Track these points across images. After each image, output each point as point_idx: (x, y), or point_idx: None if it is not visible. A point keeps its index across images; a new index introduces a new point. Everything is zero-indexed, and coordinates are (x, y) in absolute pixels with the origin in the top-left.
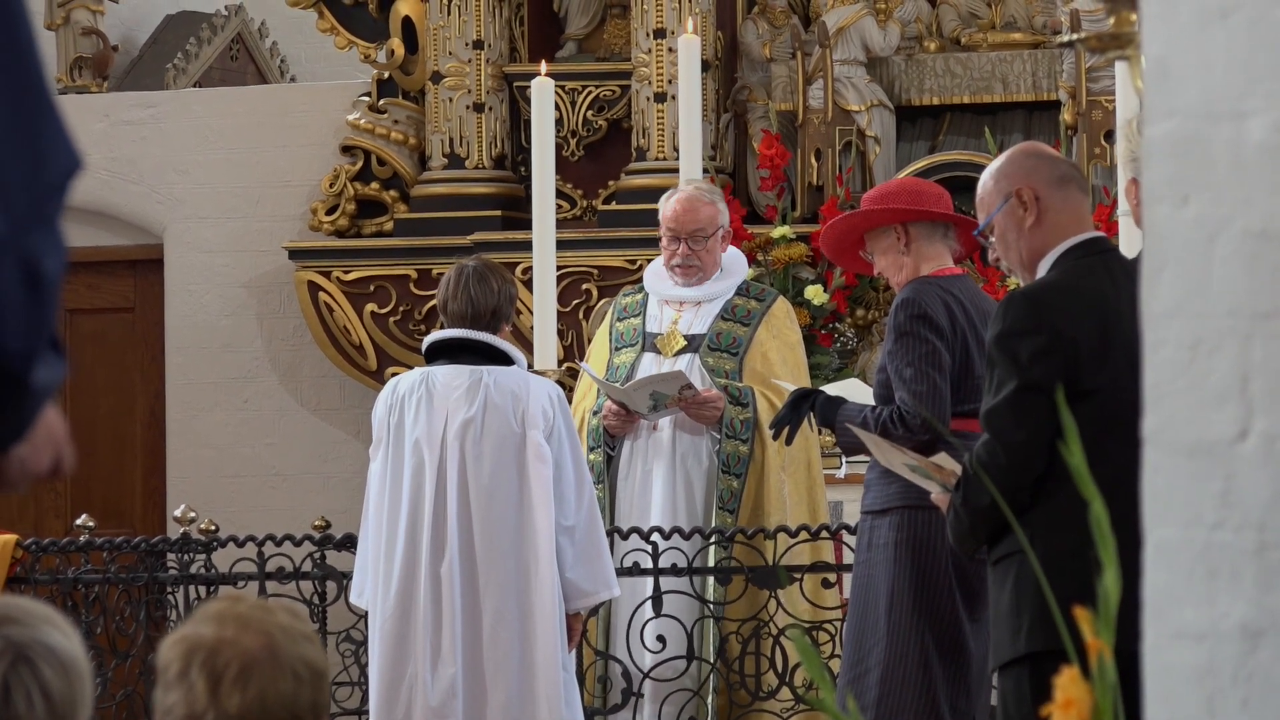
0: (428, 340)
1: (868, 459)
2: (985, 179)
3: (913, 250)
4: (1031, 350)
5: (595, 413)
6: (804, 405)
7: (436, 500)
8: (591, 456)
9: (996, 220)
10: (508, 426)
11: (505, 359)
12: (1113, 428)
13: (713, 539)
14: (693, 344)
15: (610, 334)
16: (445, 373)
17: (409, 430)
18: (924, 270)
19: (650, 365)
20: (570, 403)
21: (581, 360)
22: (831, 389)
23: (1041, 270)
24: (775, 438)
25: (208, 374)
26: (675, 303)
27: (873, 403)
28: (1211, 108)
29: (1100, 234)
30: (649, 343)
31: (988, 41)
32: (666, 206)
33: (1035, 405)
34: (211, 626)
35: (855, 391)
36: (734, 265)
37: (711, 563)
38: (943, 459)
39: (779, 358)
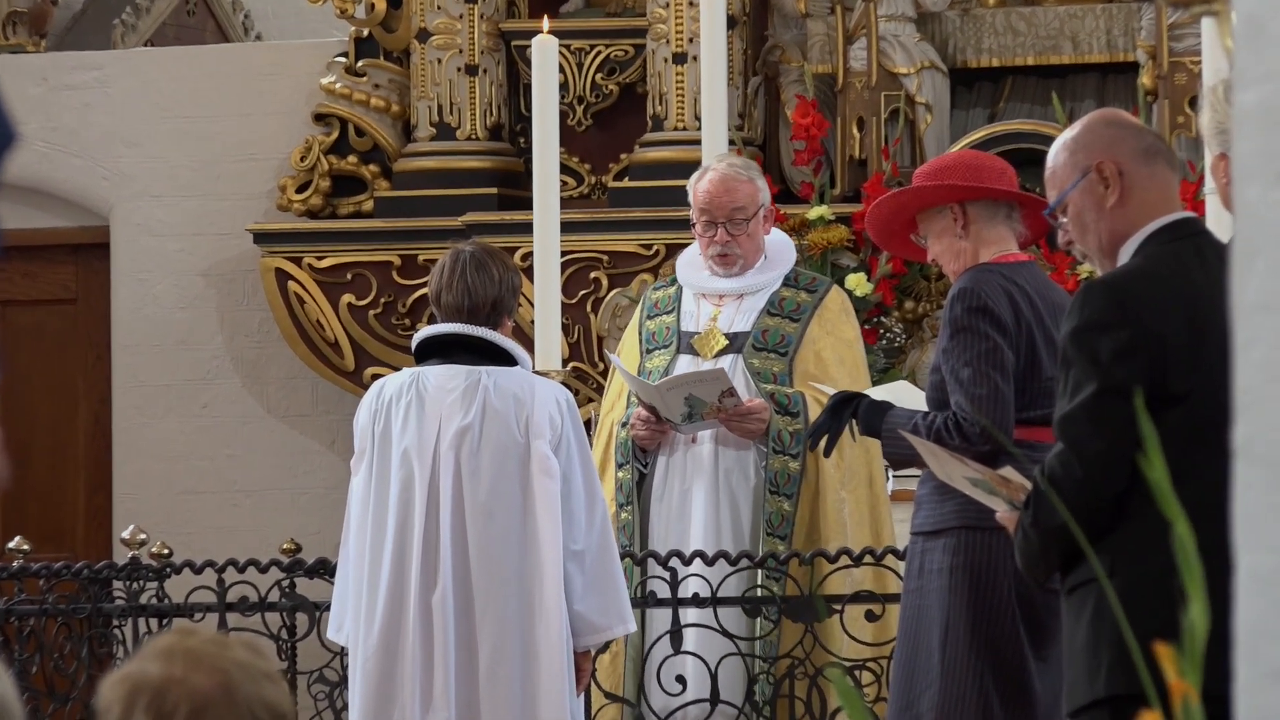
0: (418, 336)
1: (918, 472)
2: (1058, 151)
3: (971, 233)
4: (1113, 348)
5: (624, 425)
6: (845, 411)
7: (427, 520)
8: (620, 474)
9: (1072, 198)
10: (509, 435)
11: (507, 358)
12: (1204, 438)
13: (741, 564)
14: (735, 344)
15: (640, 334)
16: (438, 374)
17: (396, 439)
18: (984, 256)
19: (687, 369)
20: (601, 407)
21: (611, 354)
22: (877, 393)
23: (1123, 256)
24: (812, 448)
25: (160, 375)
26: (713, 296)
27: (925, 408)
28: None
29: (1190, 214)
30: (685, 343)
31: None
32: (698, 187)
33: (1116, 411)
34: (158, 664)
35: (905, 395)
36: (780, 251)
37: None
38: (1010, 472)
39: (834, 357)
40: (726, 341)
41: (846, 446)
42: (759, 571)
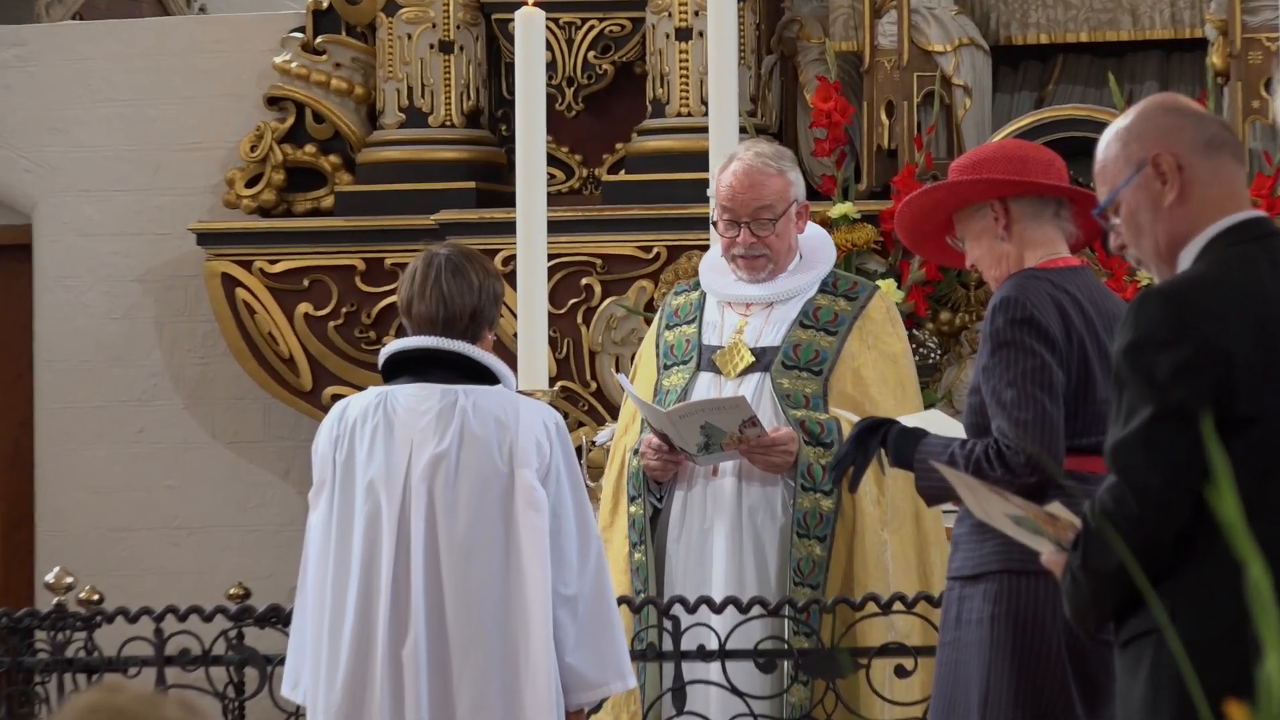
0: (386, 351)
1: (955, 509)
2: (1108, 142)
3: (1014, 234)
4: (1172, 365)
5: (636, 452)
6: (872, 440)
7: (397, 561)
8: (632, 509)
9: (1124, 196)
10: (490, 464)
11: (487, 376)
12: (1277, 467)
13: (753, 612)
14: (762, 360)
15: (658, 345)
16: (408, 394)
17: (360, 469)
18: (1029, 260)
19: (708, 390)
20: (616, 430)
21: (619, 374)
22: (907, 421)
23: (1184, 262)
24: (835, 483)
25: (90, 395)
26: (740, 304)
27: (962, 435)
28: None
29: (1260, 214)
30: (705, 359)
31: None
32: (721, 179)
33: (1176, 437)
34: None
35: (938, 425)
36: (817, 251)
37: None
38: (1057, 508)
39: (876, 376)
40: (752, 358)
41: (889, 480)
42: (785, 622)
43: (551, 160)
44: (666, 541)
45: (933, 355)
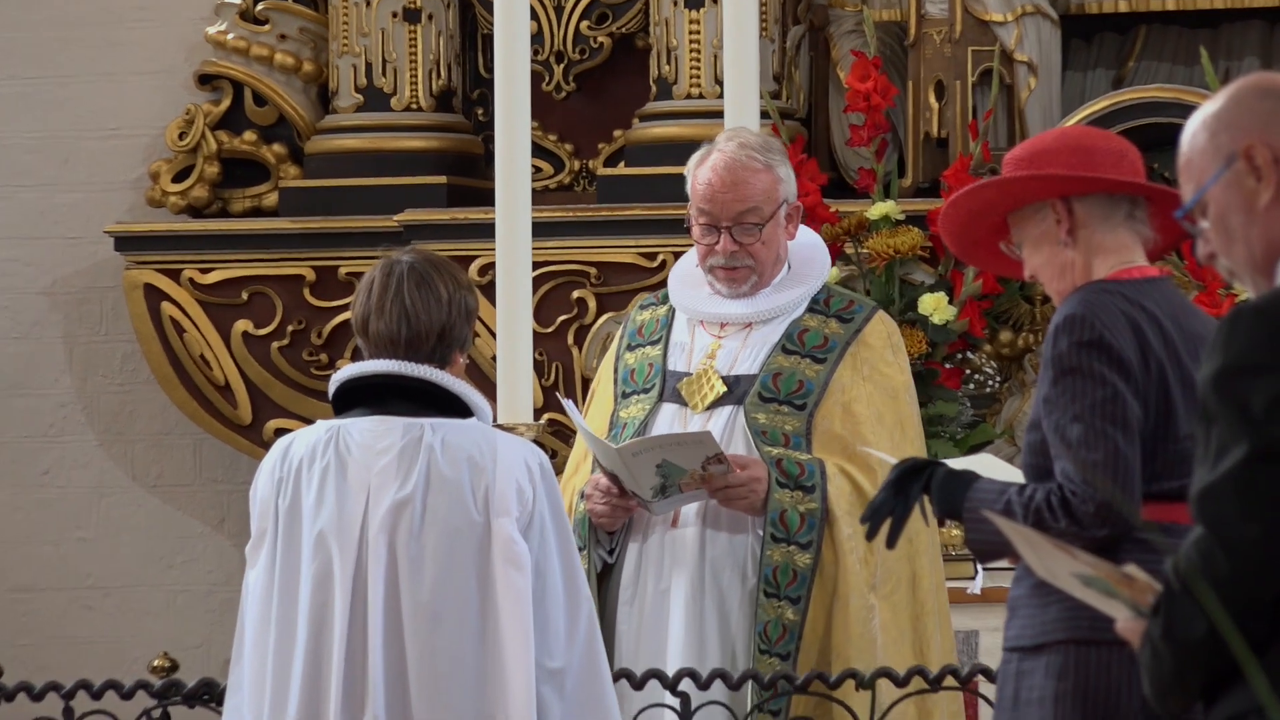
0: (338, 378)
1: (1013, 567)
2: (1195, 131)
3: (1080, 240)
4: (1271, 396)
5: (585, 495)
6: (914, 485)
7: (351, 627)
8: None
9: (1213, 194)
10: (463, 513)
11: (459, 407)
12: None
13: (714, 688)
14: (736, 391)
15: (616, 369)
16: (365, 429)
17: (308, 518)
18: (1099, 271)
19: (670, 425)
20: (565, 469)
21: (584, 411)
22: (955, 464)
23: None
24: (870, 536)
25: None
26: (714, 324)
27: (1020, 479)
28: None
29: None
30: (670, 388)
31: None
32: (697, 174)
33: (1276, 481)
34: None
35: (990, 472)
36: (809, 262)
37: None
38: (1134, 569)
39: (870, 412)
40: (724, 388)
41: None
42: (747, 700)
43: (537, 151)
44: (617, 603)
45: (991, 383)
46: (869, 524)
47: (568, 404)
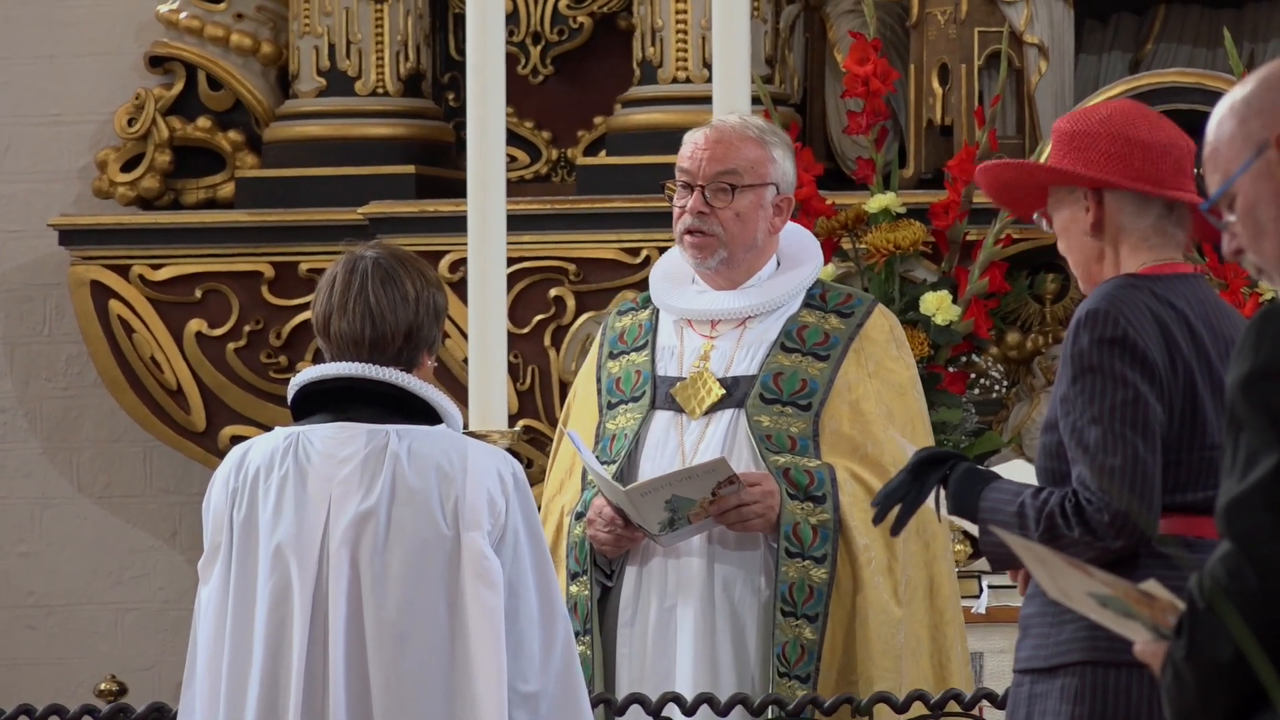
0: (297, 381)
1: (1014, 584)
2: (1222, 117)
3: (1108, 233)
4: None
5: (580, 515)
6: (932, 475)
7: (311, 647)
8: (574, 589)
9: (1241, 185)
10: (431, 526)
11: (427, 413)
12: None
13: (734, 715)
14: (735, 394)
15: (599, 379)
16: (326, 436)
17: (265, 531)
18: (1129, 264)
19: (666, 431)
20: (547, 484)
21: (562, 424)
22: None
23: None
24: (876, 521)
25: None
26: (703, 323)
27: (1036, 483)
28: None
29: None
30: (663, 395)
31: None
32: (685, 141)
33: None
34: None
35: (1020, 475)
36: (799, 255)
37: None
38: (1154, 586)
39: (879, 410)
40: (722, 391)
41: (900, 542)
42: None
43: (512, 138)
44: (617, 626)
45: (997, 388)
46: (877, 508)
47: (573, 435)
